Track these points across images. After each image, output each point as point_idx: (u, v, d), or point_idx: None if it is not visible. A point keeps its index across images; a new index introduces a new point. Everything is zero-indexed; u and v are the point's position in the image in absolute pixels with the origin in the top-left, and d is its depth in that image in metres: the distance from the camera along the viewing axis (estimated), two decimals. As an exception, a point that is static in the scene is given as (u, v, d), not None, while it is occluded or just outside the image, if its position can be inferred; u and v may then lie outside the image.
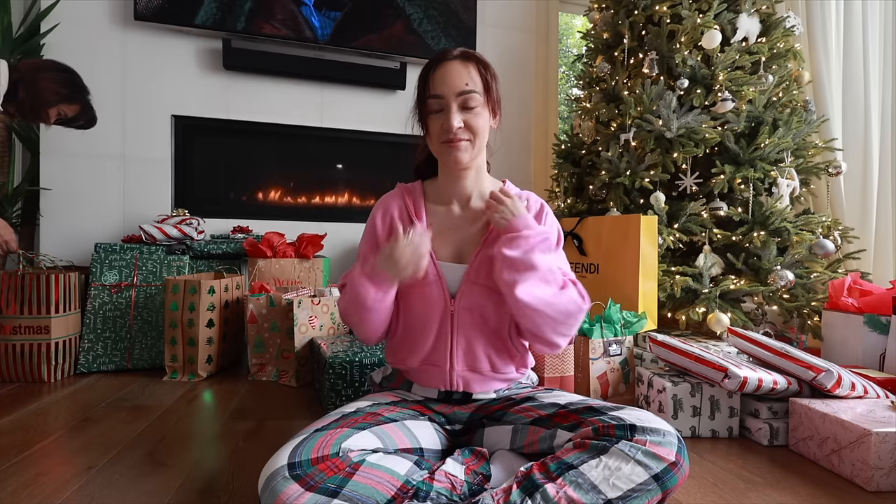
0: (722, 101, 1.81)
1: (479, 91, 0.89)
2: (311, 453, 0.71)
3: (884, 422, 1.04)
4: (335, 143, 2.61)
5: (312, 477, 0.68)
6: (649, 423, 0.76)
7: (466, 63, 0.89)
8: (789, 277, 1.69)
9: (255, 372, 1.73)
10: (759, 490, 1.00)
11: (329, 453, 0.72)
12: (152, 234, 1.98)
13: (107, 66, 2.21)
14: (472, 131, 0.89)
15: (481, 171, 0.98)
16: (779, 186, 1.82)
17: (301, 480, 0.68)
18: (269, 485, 0.68)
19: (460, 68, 0.89)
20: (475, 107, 0.88)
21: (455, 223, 0.96)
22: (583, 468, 0.72)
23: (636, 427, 0.75)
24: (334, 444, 0.74)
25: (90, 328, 1.78)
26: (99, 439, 1.17)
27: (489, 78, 0.91)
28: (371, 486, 0.69)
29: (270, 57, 2.37)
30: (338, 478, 0.69)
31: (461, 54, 0.90)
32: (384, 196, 1.01)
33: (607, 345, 1.44)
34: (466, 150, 0.89)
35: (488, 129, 0.93)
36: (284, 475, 0.68)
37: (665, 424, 0.78)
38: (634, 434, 0.74)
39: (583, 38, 2.37)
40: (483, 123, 0.90)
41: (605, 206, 2.05)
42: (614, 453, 0.73)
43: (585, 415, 0.82)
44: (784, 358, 1.27)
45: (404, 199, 0.98)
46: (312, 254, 2.10)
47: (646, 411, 0.81)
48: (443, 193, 0.98)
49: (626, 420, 0.76)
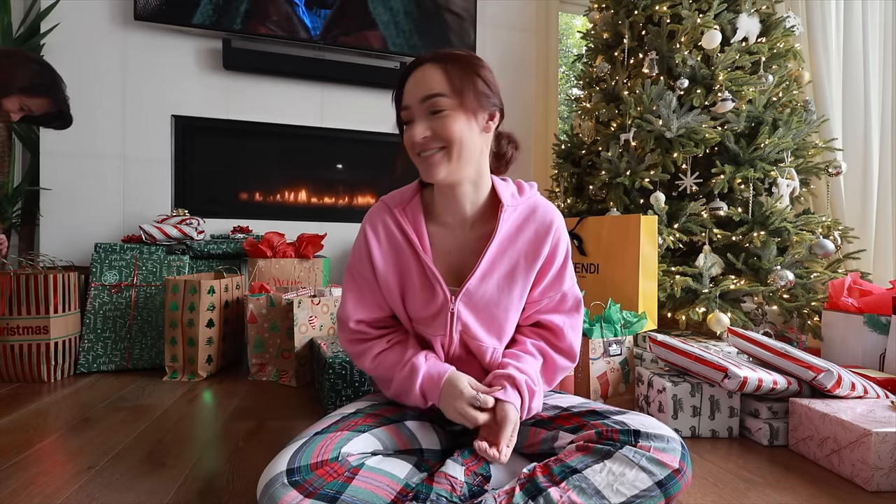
0: (722, 101, 1.81)
1: (445, 93, 0.78)
2: (311, 458, 0.71)
3: (884, 422, 1.04)
4: (335, 143, 2.61)
5: (311, 483, 0.68)
6: (654, 429, 0.76)
7: (436, 65, 0.79)
8: (789, 277, 1.69)
9: (255, 372, 1.73)
10: (759, 490, 1.00)
11: (328, 458, 0.71)
12: (152, 234, 1.98)
13: (107, 66, 2.21)
14: (442, 138, 0.78)
15: (480, 185, 0.85)
16: (779, 186, 1.82)
17: (300, 487, 0.67)
18: (268, 491, 0.68)
19: (428, 72, 0.79)
20: (442, 110, 0.78)
21: (454, 246, 0.88)
22: (587, 472, 0.72)
23: (640, 433, 0.75)
24: (334, 449, 0.73)
25: (90, 328, 1.78)
26: (99, 439, 1.17)
27: (464, 76, 0.79)
28: (370, 491, 0.69)
29: (270, 57, 2.37)
30: (337, 483, 0.68)
31: (432, 57, 0.80)
32: (372, 213, 0.89)
33: (607, 345, 1.44)
34: (441, 162, 0.79)
35: (471, 133, 0.80)
36: (283, 482, 0.68)
37: (669, 430, 0.77)
38: (639, 440, 0.74)
39: (583, 38, 2.37)
40: (457, 128, 0.78)
41: (605, 206, 2.05)
42: (618, 458, 0.73)
43: (588, 418, 0.82)
44: (784, 358, 1.27)
45: (397, 218, 0.86)
46: (312, 254, 2.10)
47: (649, 417, 0.80)
48: (440, 211, 0.88)
49: (630, 425, 0.76)
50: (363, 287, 0.89)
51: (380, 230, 0.87)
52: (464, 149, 0.80)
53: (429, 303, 0.85)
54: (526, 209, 0.87)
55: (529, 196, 0.89)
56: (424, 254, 0.84)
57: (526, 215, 0.87)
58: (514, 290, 0.86)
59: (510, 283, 0.86)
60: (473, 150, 0.81)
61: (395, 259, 0.87)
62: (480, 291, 0.85)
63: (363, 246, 0.87)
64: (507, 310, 0.87)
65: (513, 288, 0.86)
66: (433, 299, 0.85)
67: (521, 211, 0.87)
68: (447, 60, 0.80)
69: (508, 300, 0.86)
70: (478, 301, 0.85)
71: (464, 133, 0.79)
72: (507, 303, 0.86)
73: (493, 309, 0.86)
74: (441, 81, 0.78)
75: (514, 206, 0.86)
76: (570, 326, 0.91)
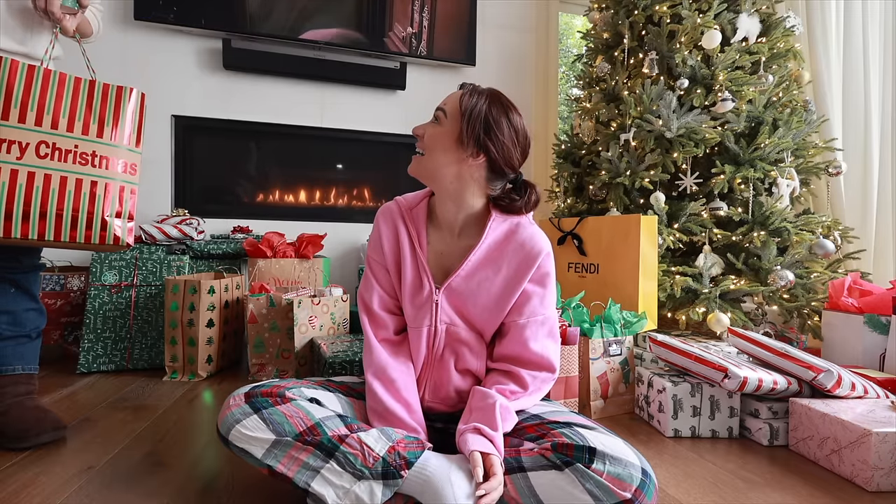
0: (722, 101, 1.81)
1: (447, 111, 0.90)
2: (267, 388, 0.86)
3: (884, 422, 1.04)
4: (335, 143, 2.61)
5: (256, 397, 0.84)
6: (613, 452, 0.73)
7: (462, 90, 0.92)
8: (789, 277, 1.69)
9: (255, 372, 1.73)
10: (759, 490, 1.00)
11: (276, 392, 0.85)
12: (152, 234, 1.98)
13: (107, 65, 2.20)
14: (424, 144, 0.91)
15: (462, 206, 0.92)
16: (779, 186, 1.82)
17: (247, 395, 0.84)
18: (226, 399, 0.86)
19: (454, 93, 0.92)
20: (436, 123, 0.91)
21: (445, 249, 0.96)
22: (531, 475, 0.74)
23: (596, 452, 0.73)
24: (282, 389, 0.86)
25: (90, 328, 1.78)
26: (99, 439, 1.17)
27: (473, 108, 0.88)
28: (285, 416, 0.80)
29: (270, 57, 2.38)
30: (267, 402, 0.83)
31: (470, 86, 0.93)
32: (385, 208, 0.99)
33: (607, 345, 1.44)
34: (416, 160, 0.93)
35: (446, 155, 0.89)
36: (239, 394, 0.85)
37: (632, 456, 0.74)
38: (593, 460, 0.72)
39: (583, 38, 2.37)
40: (434, 140, 0.89)
41: (605, 206, 2.05)
42: (567, 475, 0.72)
43: (553, 426, 0.81)
44: (784, 358, 1.27)
45: (404, 216, 0.96)
46: (312, 254, 2.10)
47: (618, 440, 0.77)
48: (438, 217, 0.97)
49: (588, 441, 0.74)
50: (377, 270, 0.98)
51: (389, 223, 0.97)
52: (434, 163, 0.90)
53: (417, 293, 0.93)
54: (507, 228, 0.93)
55: (519, 219, 0.94)
56: (420, 249, 0.93)
57: (507, 234, 0.92)
58: (493, 294, 0.91)
59: (489, 288, 0.92)
60: (445, 171, 0.90)
61: (397, 249, 0.96)
62: (461, 288, 0.92)
63: (376, 235, 0.98)
64: (485, 309, 0.92)
65: (492, 292, 0.91)
66: (421, 290, 0.93)
67: (502, 231, 0.93)
68: (473, 92, 0.90)
69: (487, 300, 0.92)
70: (457, 297, 0.92)
71: (437, 147, 0.90)
72: (486, 302, 0.92)
73: (471, 307, 0.92)
74: (453, 102, 0.90)
75: (498, 224, 0.93)
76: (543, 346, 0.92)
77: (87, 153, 1.05)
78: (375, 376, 0.90)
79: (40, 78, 1.02)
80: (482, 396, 0.87)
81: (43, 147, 1.01)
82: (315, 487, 0.75)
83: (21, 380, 1.20)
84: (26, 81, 1.01)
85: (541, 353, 0.91)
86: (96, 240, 1.06)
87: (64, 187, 1.02)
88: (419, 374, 0.94)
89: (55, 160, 1.02)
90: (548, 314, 0.93)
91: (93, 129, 1.06)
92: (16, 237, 0.98)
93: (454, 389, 0.94)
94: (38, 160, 1.00)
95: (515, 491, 0.75)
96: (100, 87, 1.08)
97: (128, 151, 1.11)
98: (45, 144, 1.01)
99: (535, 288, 0.92)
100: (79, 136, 1.05)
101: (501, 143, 0.88)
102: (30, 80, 1.01)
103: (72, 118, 1.04)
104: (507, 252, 0.91)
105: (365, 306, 0.97)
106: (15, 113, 0.99)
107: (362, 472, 0.75)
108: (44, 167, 1.01)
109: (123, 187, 1.10)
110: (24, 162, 0.99)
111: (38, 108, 1.01)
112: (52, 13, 1.08)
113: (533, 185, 0.95)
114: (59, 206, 1.02)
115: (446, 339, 0.93)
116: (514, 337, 0.92)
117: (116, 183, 1.08)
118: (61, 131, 1.03)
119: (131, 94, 1.12)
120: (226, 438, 0.81)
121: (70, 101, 1.05)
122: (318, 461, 0.76)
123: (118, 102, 1.10)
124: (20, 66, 1.00)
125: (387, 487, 0.75)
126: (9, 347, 1.19)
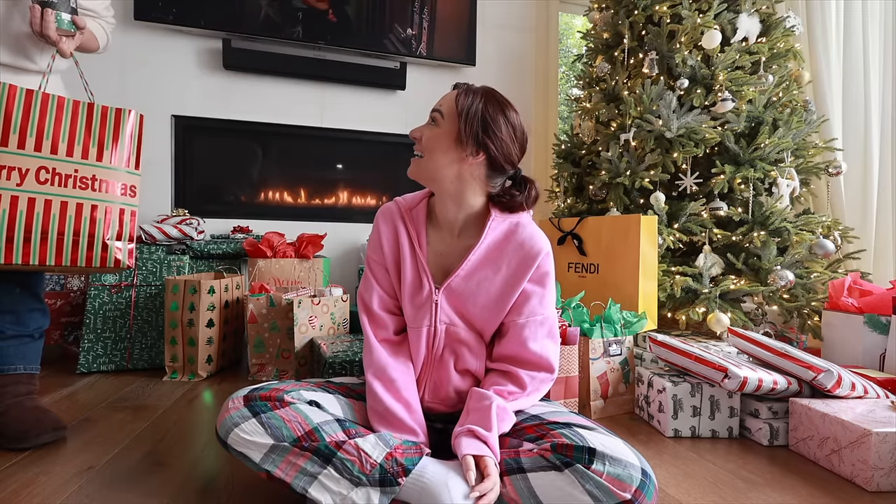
0: (722, 101, 1.81)
1: (443, 112, 0.89)
2: (266, 391, 0.86)
3: (884, 422, 1.04)
4: (335, 143, 2.61)
5: (252, 398, 0.84)
6: (613, 452, 0.73)
7: (457, 90, 0.92)
8: (789, 277, 1.69)
9: (255, 372, 1.73)
10: (759, 490, 1.00)
11: (275, 396, 0.84)
12: (152, 234, 1.98)
13: (107, 65, 2.21)
14: (423, 146, 0.91)
15: (462, 205, 0.92)
16: (779, 186, 1.82)
17: (245, 398, 0.84)
18: (225, 401, 0.86)
19: (450, 93, 0.92)
20: (433, 124, 0.90)
21: (444, 249, 0.95)
22: (531, 476, 0.74)
23: (596, 452, 0.72)
24: (281, 392, 0.86)
25: (90, 328, 1.78)
26: (99, 439, 1.17)
27: (469, 107, 0.88)
28: (283, 421, 0.80)
29: (270, 57, 2.38)
30: (266, 406, 0.82)
31: (464, 86, 0.93)
32: (384, 209, 0.98)
33: (607, 345, 1.44)
34: (415, 163, 0.92)
35: (446, 155, 0.89)
36: (238, 396, 0.85)
37: (632, 457, 0.74)
38: (593, 460, 0.72)
39: (583, 38, 2.37)
40: (433, 142, 0.89)
41: (605, 206, 2.05)
42: (566, 476, 0.72)
43: (553, 427, 0.81)
44: (784, 358, 1.27)
45: (404, 216, 0.96)
46: (312, 254, 2.10)
47: (618, 440, 0.77)
48: (438, 217, 0.96)
49: (588, 442, 0.74)
50: (376, 270, 0.98)
51: (389, 224, 0.97)
52: (433, 164, 0.89)
53: (417, 293, 0.93)
54: (507, 228, 0.92)
55: (518, 217, 0.94)
56: (420, 250, 0.93)
57: (506, 234, 0.92)
58: (493, 294, 0.91)
59: (489, 288, 0.91)
60: (446, 172, 0.90)
61: (397, 250, 0.95)
62: (461, 288, 0.91)
63: (375, 235, 0.98)
64: (485, 309, 0.92)
65: (491, 292, 0.91)
66: (421, 290, 0.93)
67: (501, 230, 0.92)
68: (468, 92, 0.90)
69: (486, 300, 0.91)
70: (457, 297, 0.92)
71: (435, 149, 0.89)
72: (486, 302, 0.91)
73: (471, 307, 0.92)
74: (449, 103, 0.90)
75: (498, 223, 0.92)
76: (542, 346, 0.92)
77: (87, 177, 1.05)
78: (375, 376, 0.90)
79: (38, 103, 1.02)
80: (479, 398, 0.87)
81: (43, 173, 1.01)
82: (312, 493, 0.75)
83: (22, 379, 1.20)
84: (25, 106, 1.00)
85: (540, 353, 0.91)
86: (97, 262, 1.06)
87: (64, 212, 1.02)
88: (419, 374, 0.94)
89: (55, 185, 1.02)
90: (547, 314, 0.93)
91: (92, 153, 1.06)
92: (17, 263, 0.98)
93: (454, 390, 0.94)
94: (39, 186, 1.00)
95: (515, 492, 0.75)
96: (98, 110, 1.08)
97: (127, 174, 1.11)
98: (45, 170, 1.01)
99: (535, 288, 0.92)
100: (78, 161, 1.04)
101: (500, 139, 0.88)
102: (28, 105, 1.00)
103: (71, 142, 1.04)
104: (507, 252, 0.91)
105: (365, 306, 0.97)
106: (14, 139, 0.98)
107: (359, 479, 0.75)
108: (44, 193, 1.01)
109: (123, 210, 1.10)
110: (25, 188, 0.99)
111: (37, 134, 1.01)
112: (48, 37, 1.08)
113: (532, 181, 0.95)
114: (59, 230, 1.02)
115: (446, 340, 0.93)
116: (513, 337, 0.92)
117: (116, 206, 1.09)
118: (61, 156, 1.03)
119: (130, 115, 1.12)
120: (224, 441, 0.81)
121: (69, 124, 1.05)
122: (316, 467, 0.76)
123: (117, 124, 1.10)
124: (18, 91, 1.00)
125: (384, 495, 0.74)
126: (11, 347, 1.19)
